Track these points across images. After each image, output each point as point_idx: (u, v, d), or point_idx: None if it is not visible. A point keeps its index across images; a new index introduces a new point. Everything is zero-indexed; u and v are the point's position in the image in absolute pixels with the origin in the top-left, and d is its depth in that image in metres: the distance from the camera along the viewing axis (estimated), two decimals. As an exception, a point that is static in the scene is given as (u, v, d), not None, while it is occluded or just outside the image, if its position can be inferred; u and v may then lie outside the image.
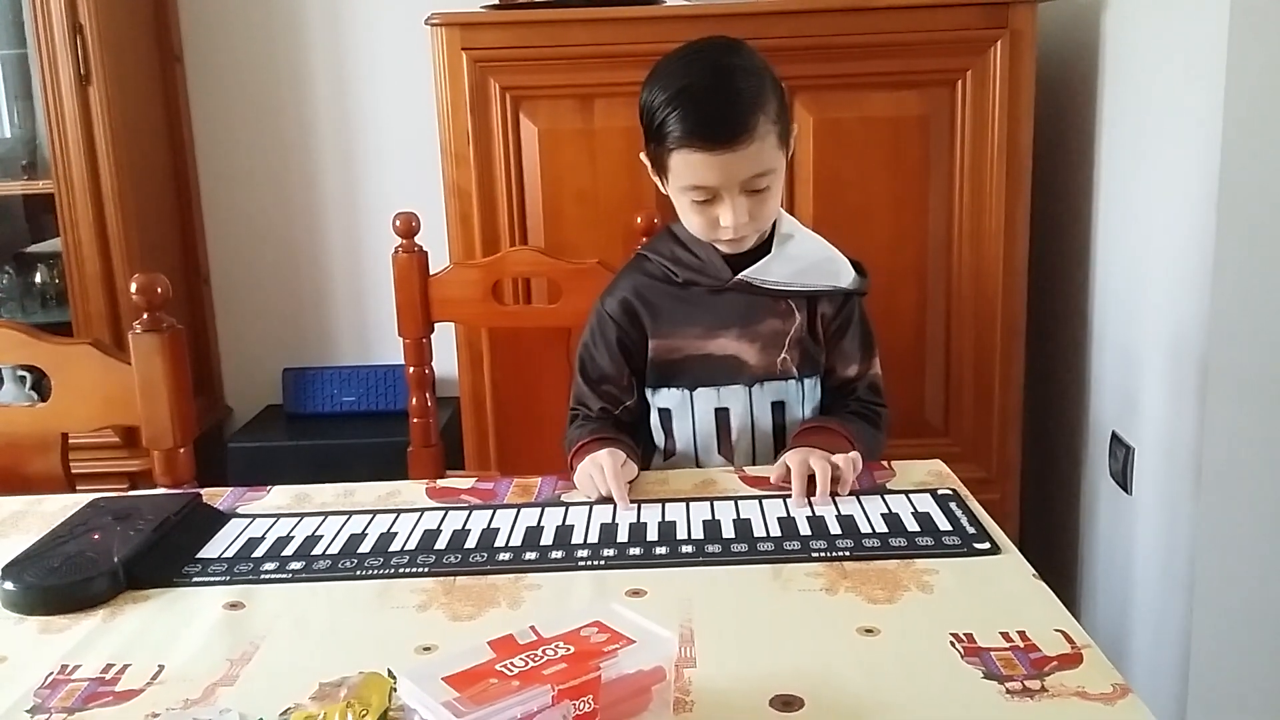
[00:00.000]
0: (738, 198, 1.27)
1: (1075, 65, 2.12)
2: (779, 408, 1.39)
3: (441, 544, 1.12)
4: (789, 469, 1.22)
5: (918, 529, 1.11)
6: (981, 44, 1.97)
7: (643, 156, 1.36)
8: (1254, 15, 1.50)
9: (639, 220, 1.71)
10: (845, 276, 1.40)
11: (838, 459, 1.22)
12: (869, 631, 0.91)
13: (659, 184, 1.36)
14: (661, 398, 1.41)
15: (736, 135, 1.23)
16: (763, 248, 1.37)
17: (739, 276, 1.36)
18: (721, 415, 1.39)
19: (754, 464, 1.38)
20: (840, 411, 1.41)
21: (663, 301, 1.40)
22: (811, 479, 1.21)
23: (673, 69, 1.29)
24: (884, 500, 1.19)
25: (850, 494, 1.21)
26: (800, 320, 1.38)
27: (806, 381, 1.40)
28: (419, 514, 1.20)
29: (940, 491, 1.21)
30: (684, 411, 1.40)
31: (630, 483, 1.23)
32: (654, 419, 1.43)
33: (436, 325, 1.74)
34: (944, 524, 1.12)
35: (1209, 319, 1.60)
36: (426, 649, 0.91)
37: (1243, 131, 1.53)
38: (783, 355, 1.38)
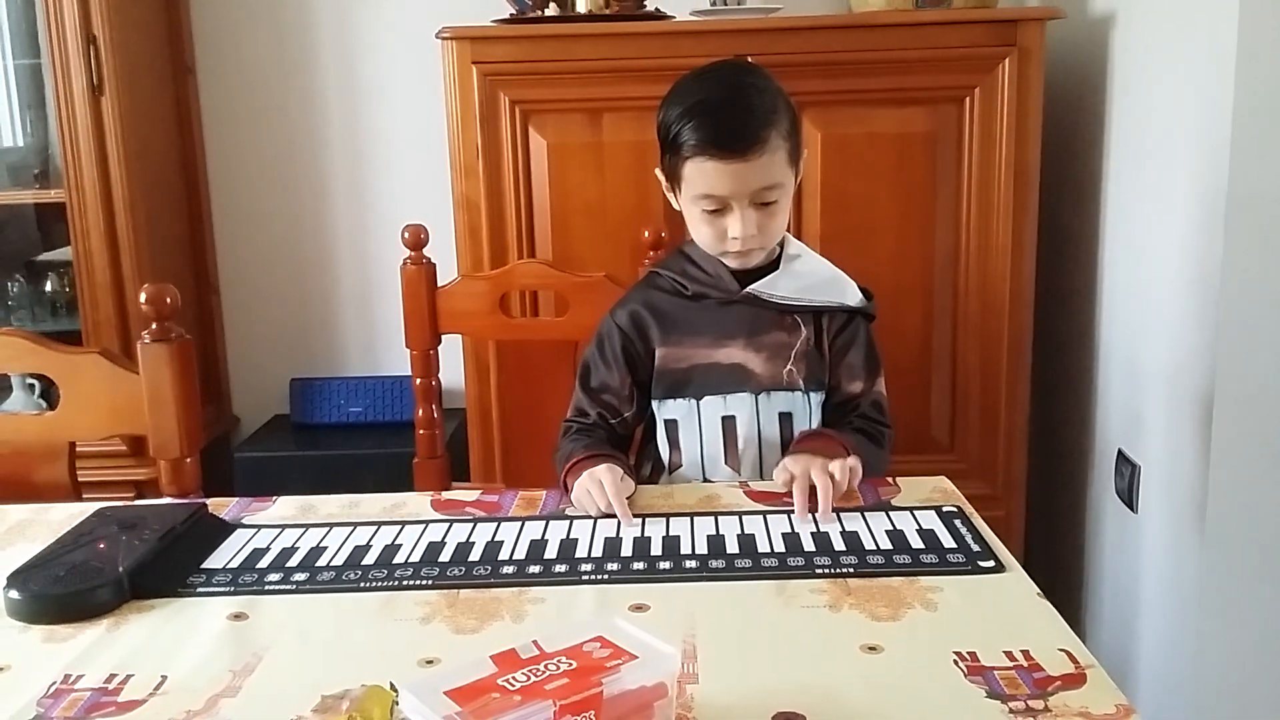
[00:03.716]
0: (747, 209, 1.31)
1: (1083, 83, 2.12)
2: (786, 420, 1.40)
3: (446, 556, 1.12)
4: (792, 476, 1.23)
5: (922, 546, 1.11)
6: (990, 61, 1.98)
7: (657, 172, 1.40)
8: (1262, 32, 1.51)
9: (646, 234, 1.72)
10: (851, 296, 1.43)
11: (834, 468, 1.22)
12: (872, 649, 0.91)
13: (671, 199, 1.40)
14: (668, 409, 1.42)
15: (749, 146, 1.27)
16: (771, 265, 1.40)
17: (747, 290, 1.39)
18: (728, 424, 1.40)
19: (761, 476, 1.38)
20: (842, 427, 1.41)
21: (673, 311, 1.43)
22: (814, 491, 1.21)
23: (689, 86, 1.34)
24: (888, 517, 1.19)
25: (855, 510, 1.21)
26: (806, 334, 1.40)
27: (813, 395, 1.40)
28: (424, 526, 1.20)
29: (945, 508, 1.21)
30: (691, 422, 1.41)
31: (628, 499, 1.23)
32: (660, 432, 1.43)
33: (444, 337, 1.74)
34: (949, 541, 1.12)
35: (1215, 337, 1.59)
36: (429, 662, 0.91)
37: (1251, 148, 1.53)
38: (789, 367, 1.39)
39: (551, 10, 2.09)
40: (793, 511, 1.20)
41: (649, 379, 1.43)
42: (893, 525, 1.16)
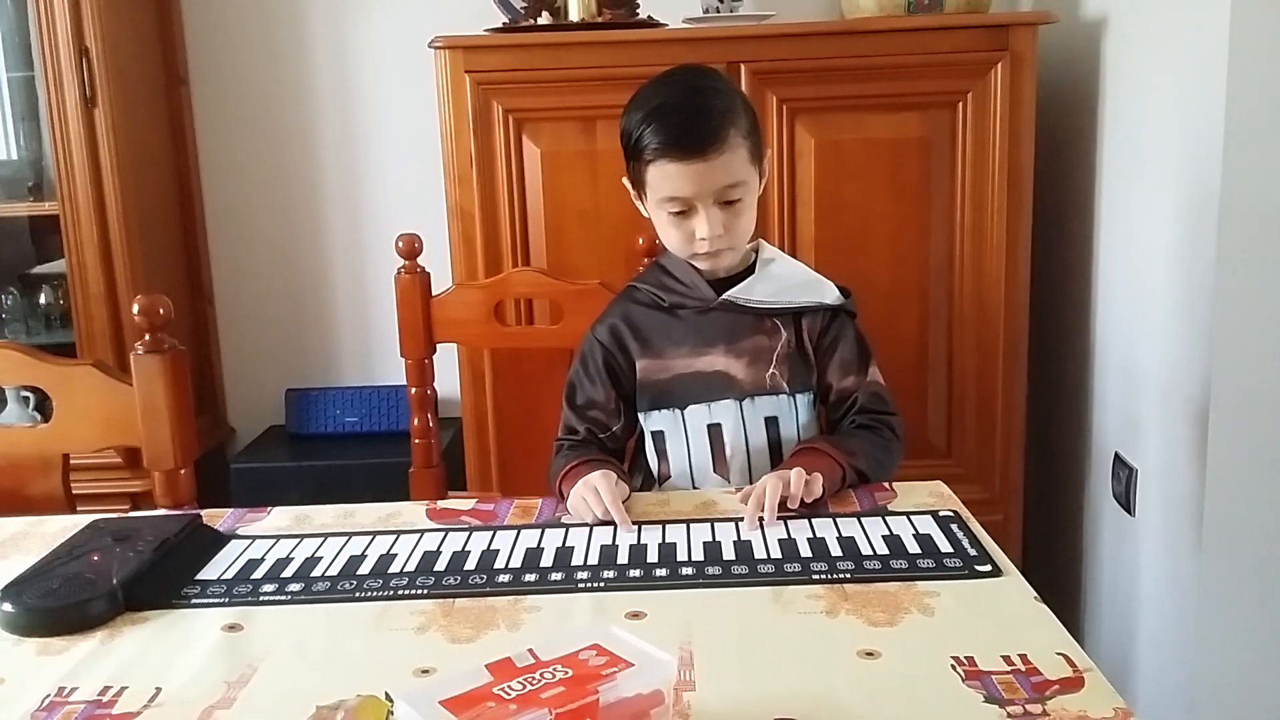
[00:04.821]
0: (712, 209, 1.32)
1: (1076, 86, 2.13)
2: (772, 424, 1.40)
3: (441, 566, 1.11)
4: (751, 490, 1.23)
5: (919, 551, 1.11)
6: (982, 66, 1.98)
7: (624, 180, 1.41)
8: (1254, 35, 1.51)
9: (640, 241, 1.71)
10: (829, 295, 1.43)
11: (790, 475, 1.21)
12: (869, 654, 0.90)
13: (640, 206, 1.41)
14: (654, 420, 1.42)
15: (708, 145, 1.29)
16: (746, 271, 1.41)
17: (724, 296, 1.39)
18: (714, 432, 1.39)
19: (750, 482, 1.37)
20: (846, 428, 1.41)
21: (650, 324, 1.43)
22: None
23: (647, 93, 1.36)
24: (885, 522, 1.19)
25: (851, 515, 1.21)
26: (787, 337, 1.40)
27: (799, 398, 1.40)
28: (419, 535, 1.19)
29: (942, 513, 1.21)
30: (677, 432, 1.41)
31: (623, 503, 1.23)
32: (648, 444, 1.43)
33: (439, 346, 1.74)
34: (945, 546, 1.12)
35: (1211, 339, 1.60)
36: (425, 671, 0.90)
37: (1243, 152, 1.54)
38: (771, 371, 1.39)
39: (544, 19, 2.09)
40: (791, 517, 1.20)
41: (634, 392, 1.43)
42: (889, 530, 1.16)
